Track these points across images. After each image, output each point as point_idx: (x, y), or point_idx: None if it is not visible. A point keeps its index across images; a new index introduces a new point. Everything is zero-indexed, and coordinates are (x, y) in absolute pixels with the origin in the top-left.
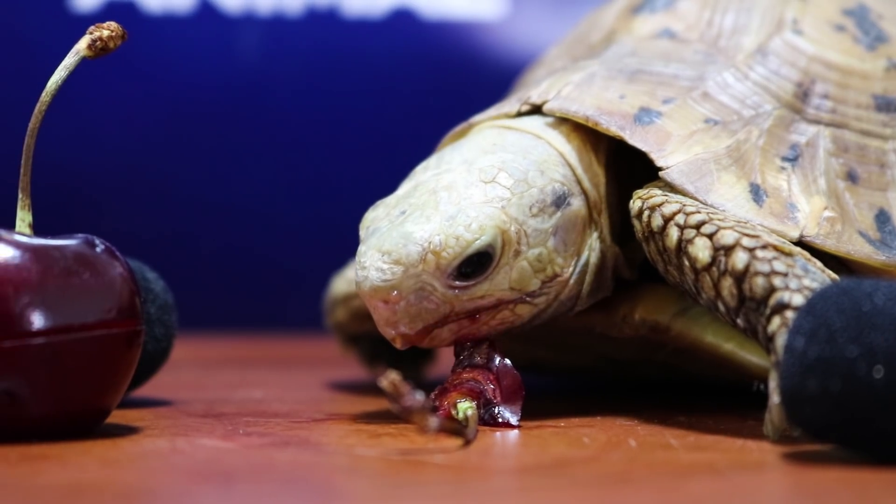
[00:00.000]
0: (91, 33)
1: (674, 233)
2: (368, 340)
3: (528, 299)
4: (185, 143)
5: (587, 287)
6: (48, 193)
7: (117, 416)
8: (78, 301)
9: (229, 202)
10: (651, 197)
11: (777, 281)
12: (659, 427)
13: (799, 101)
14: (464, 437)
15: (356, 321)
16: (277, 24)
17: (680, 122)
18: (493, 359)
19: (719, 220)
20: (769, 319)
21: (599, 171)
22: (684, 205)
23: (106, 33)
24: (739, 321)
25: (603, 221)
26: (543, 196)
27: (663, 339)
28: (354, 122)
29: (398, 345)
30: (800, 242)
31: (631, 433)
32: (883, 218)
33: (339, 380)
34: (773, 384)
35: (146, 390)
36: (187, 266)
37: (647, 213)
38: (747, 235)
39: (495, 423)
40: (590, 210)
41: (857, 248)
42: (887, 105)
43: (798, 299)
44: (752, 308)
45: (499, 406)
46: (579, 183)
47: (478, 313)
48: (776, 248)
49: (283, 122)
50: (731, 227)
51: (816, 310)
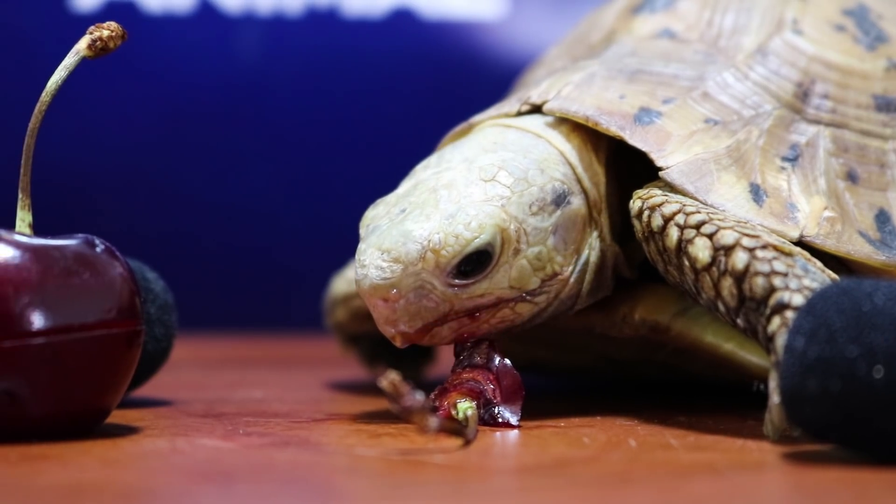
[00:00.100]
0: (91, 33)
1: (674, 233)
2: (368, 340)
3: (527, 298)
4: (185, 143)
5: (587, 286)
6: (48, 193)
7: (117, 416)
8: (78, 301)
9: (229, 202)
10: (651, 197)
11: (777, 281)
12: (659, 427)
13: (799, 101)
14: (464, 437)
15: (356, 321)
16: (277, 24)
17: (680, 122)
18: (492, 359)
19: (719, 220)
20: (769, 319)
21: (599, 170)
22: (684, 205)
23: (106, 33)
24: (739, 321)
25: (603, 220)
26: (543, 194)
27: (663, 339)
28: (354, 122)
29: (398, 343)
30: (800, 242)
31: (631, 433)
32: (883, 218)
33: (339, 380)
34: (773, 384)
35: (146, 390)
36: (187, 266)
37: (647, 212)
38: (747, 235)
39: (495, 423)
40: (590, 209)
41: (857, 248)
42: (887, 105)
43: (798, 299)
44: (752, 308)
45: (499, 406)
46: (579, 182)
47: (478, 311)
48: (776, 248)
49: (283, 122)
50: (731, 227)
51: (816, 310)
